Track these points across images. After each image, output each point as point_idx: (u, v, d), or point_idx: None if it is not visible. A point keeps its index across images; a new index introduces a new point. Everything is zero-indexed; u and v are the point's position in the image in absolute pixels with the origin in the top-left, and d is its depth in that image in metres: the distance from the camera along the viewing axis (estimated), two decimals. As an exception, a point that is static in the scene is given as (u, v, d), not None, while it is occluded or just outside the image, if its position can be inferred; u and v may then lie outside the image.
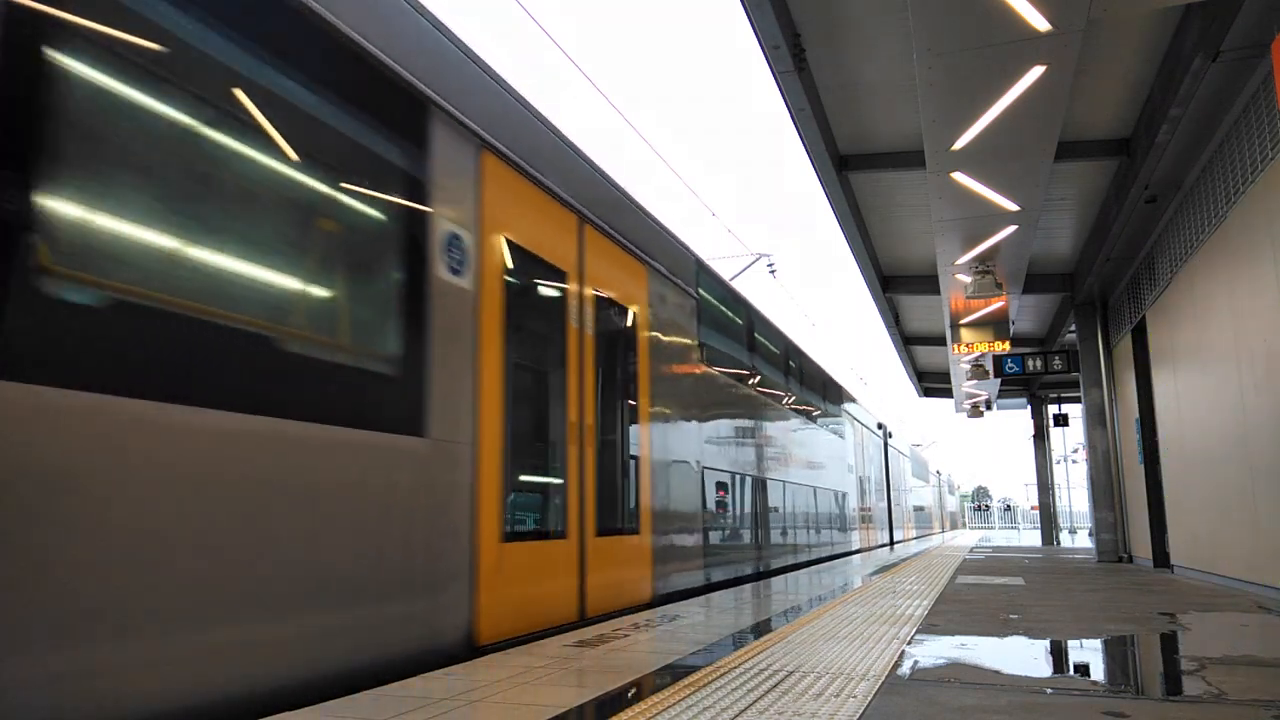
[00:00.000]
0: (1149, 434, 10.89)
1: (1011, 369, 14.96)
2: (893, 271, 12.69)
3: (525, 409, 5.15)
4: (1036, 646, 4.23)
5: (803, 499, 12.97)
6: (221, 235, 3.03)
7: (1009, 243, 8.95)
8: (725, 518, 9.22)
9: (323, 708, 2.78)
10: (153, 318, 2.74)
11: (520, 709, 2.75)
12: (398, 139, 4.00)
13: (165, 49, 2.88)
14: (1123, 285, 11.68)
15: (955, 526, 59.21)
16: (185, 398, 2.80)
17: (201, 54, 3.02)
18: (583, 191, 5.87)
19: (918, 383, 21.25)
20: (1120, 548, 12.72)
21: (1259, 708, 2.80)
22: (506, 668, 3.50)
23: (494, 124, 4.81)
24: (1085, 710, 2.76)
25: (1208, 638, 4.57)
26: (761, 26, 6.06)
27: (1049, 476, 23.33)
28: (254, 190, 3.21)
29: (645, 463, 6.67)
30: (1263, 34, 5.61)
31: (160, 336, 2.75)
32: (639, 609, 6.25)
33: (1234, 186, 6.96)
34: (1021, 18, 5.00)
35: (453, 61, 4.50)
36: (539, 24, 7.78)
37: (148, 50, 2.82)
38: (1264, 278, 6.46)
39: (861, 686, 3.11)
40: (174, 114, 2.90)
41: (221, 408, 2.91)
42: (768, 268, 17.09)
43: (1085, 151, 8.16)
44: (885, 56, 6.66)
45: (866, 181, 9.13)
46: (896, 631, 4.64)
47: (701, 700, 2.88)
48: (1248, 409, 7.03)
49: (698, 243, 11.95)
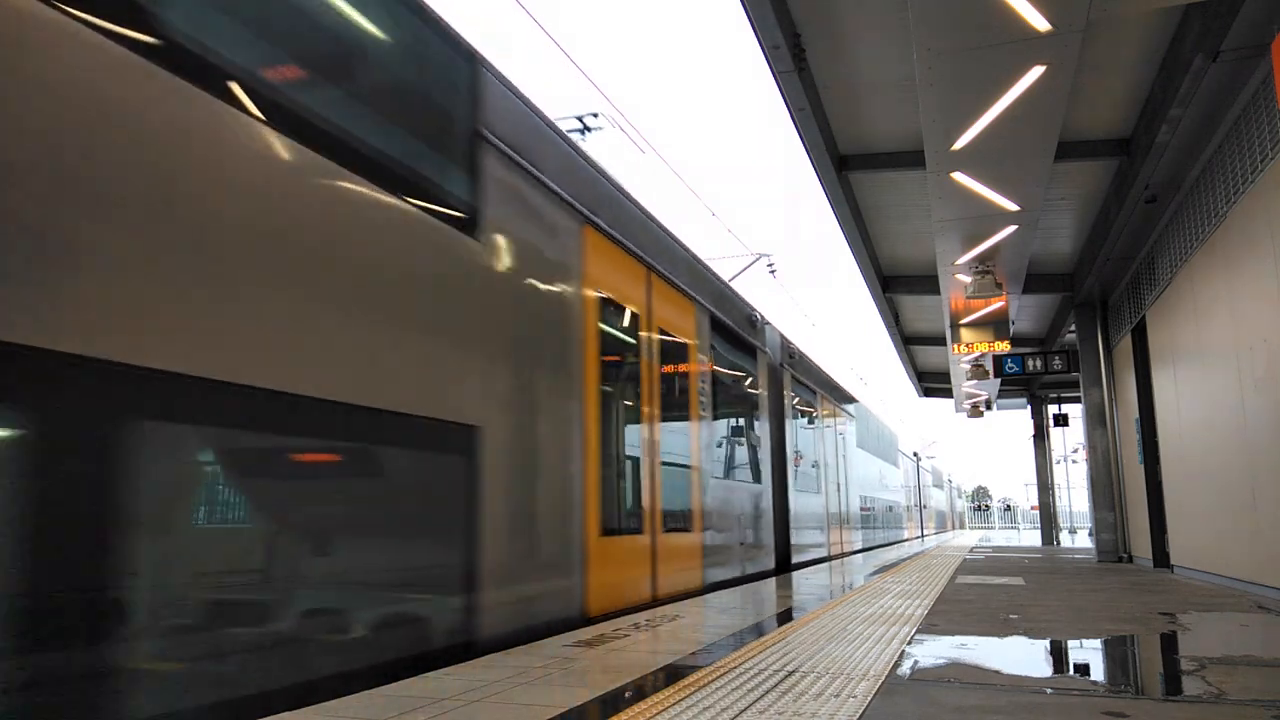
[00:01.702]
0: (1149, 434, 10.89)
1: (1011, 369, 14.96)
2: (893, 271, 12.69)
3: (610, 425, 6.13)
4: (1036, 646, 4.23)
5: (875, 508, 20.82)
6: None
7: (1009, 243, 8.95)
8: (797, 520, 11.90)
9: (322, 707, 2.78)
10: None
11: (520, 709, 2.75)
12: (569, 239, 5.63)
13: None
14: (1123, 285, 11.68)
15: (960, 526, 62.07)
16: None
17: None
18: (649, 246, 6.98)
19: (918, 383, 21.25)
20: (1120, 548, 12.72)
21: (1259, 708, 2.80)
22: (506, 668, 3.50)
23: (597, 205, 6.04)
24: (1085, 710, 2.76)
25: (1208, 638, 4.57)
26: (761, 26, 6.06)
27: (1049, 476, 23.33)
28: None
29: (697, 474, 7.86)
30: (1263, 34, 5.60)
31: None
32: (693, 595, 7.32)
33: (1234, 186, 6.96)
34: (1021, 18, 4.99)
35: (563, 152, 5.60)
36: (540, 26, 7.79)
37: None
38: (1264, 278, 6.46)
39: (861, 686, 3.11)
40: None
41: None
42: (768, 268, 17.09)
43: (1085, 151, 8.16)
44: (885, 56, 6.66)
45: (866, 181, 9.13)
46: (896, 631, 4.64)
47: (701, 700, 2.88)
48: (1248, 409, 7.03)
49: (697, 243, 12.55)
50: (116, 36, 2.64)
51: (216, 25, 3.06)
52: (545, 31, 7.95)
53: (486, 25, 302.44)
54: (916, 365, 19.74)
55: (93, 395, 2.50)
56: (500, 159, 4.76)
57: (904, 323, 15.73)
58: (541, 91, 5.61)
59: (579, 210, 5.66)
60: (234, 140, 2.99)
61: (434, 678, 3.28)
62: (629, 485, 6.46)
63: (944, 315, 12.32)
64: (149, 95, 2.73)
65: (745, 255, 16.63)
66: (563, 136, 5.60)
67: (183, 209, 2.81)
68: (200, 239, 2.84)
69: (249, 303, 2.99)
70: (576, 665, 3.57)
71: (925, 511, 35.46)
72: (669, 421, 7.18)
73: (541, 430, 5.04)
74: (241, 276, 2.97)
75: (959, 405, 21.50)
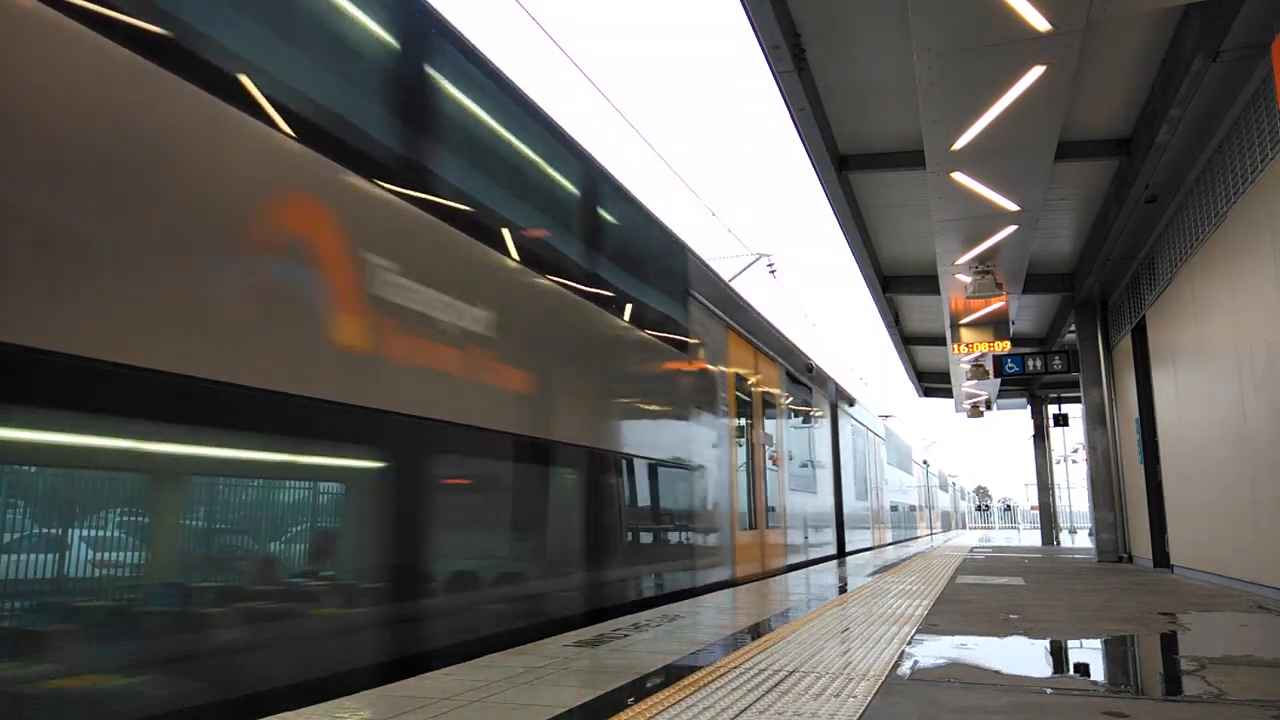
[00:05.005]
0: (1149, 434, 10.88)
1: (1011, 369, 14.95)
2: (893, 271, 12.69)
3: (738, 459, 9.28)
4: (1037, 646, 4.23)
5: (900, 510, 26.13)
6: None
7: (1009, 243, 8.95)
8: (849, 521, 16.34)
9: (321, 707, 2.78)
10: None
11: (520, 709, 2.75)
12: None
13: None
14: (1123, 285, 11.68)
15: (962, 526, 64.31)
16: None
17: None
18: (755, 330, 10.31)
19: (918, 383, 21.24)
20: (1120, 548, 12.72)
21: (1259, 708, 2.80)
22: (506, 668, 3.50)
23: (730, 308, 9.25)
24: (1085, 710, 2.76)
25: (1207, 638, 4.57)
26: (761, 26, 6.05)
27: (1049, 476, 23.32)
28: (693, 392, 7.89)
29: (782, 487, 11.31)
30: (1263, 34, 5.60)
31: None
32: (784, 572, 10.68)
33: (1234, 186, 6.96)
34: (1021, 18, 4.99)
35: (718, 283, 9.06)
36: (543, 28, 7.79)
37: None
38: (1264, 277, 6.46)
39: (861, 686, 3.11)
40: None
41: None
42: (768, 268, 17.09)
43: (1085, 151, 8.15)
44: (885, 56, 6.66)
45: (866, 181, 9.13)
46: (897, 631, 4.64)
47: (701, 700, 2.88)
48: (1248, 409, 7.03)
49: (697, 243, 14.28)
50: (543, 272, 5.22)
51: (605, 266, 6.11)
52: (545, 31, 7.95)
53: (485, 24, 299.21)
54: (916, 365, 19.73)
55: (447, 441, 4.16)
56: (696, 302, 8.02)
57: (904, 323, 15.73)
58: (543, 92, 5.70)
59: (724, 319, 8.93)
60: (599, 319, 5.95)
61: (434, 677, 3.28)
62: (749, 498, 9.67)
63: (944, 315, 12.32)
64: (571, 304, 5.52)
65: (745, 255, 16.65)
66: (718, 278, 9.08)
67: (578, 364, 5.60)
68: (582, 379, 5.63)
69: (606, 400, 6.01)
70: (576, 665, 3.58)
71: (934, 512, 41.85)
72: (768, 450, 10.62)
73: (719, 467, 8.37)
74: (597, 390, 5.88)
75: (959, 405, 21.49)
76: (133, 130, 2.66)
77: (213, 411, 2.85)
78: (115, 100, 2.63)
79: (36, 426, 2.42)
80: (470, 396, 4.25)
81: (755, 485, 9.87)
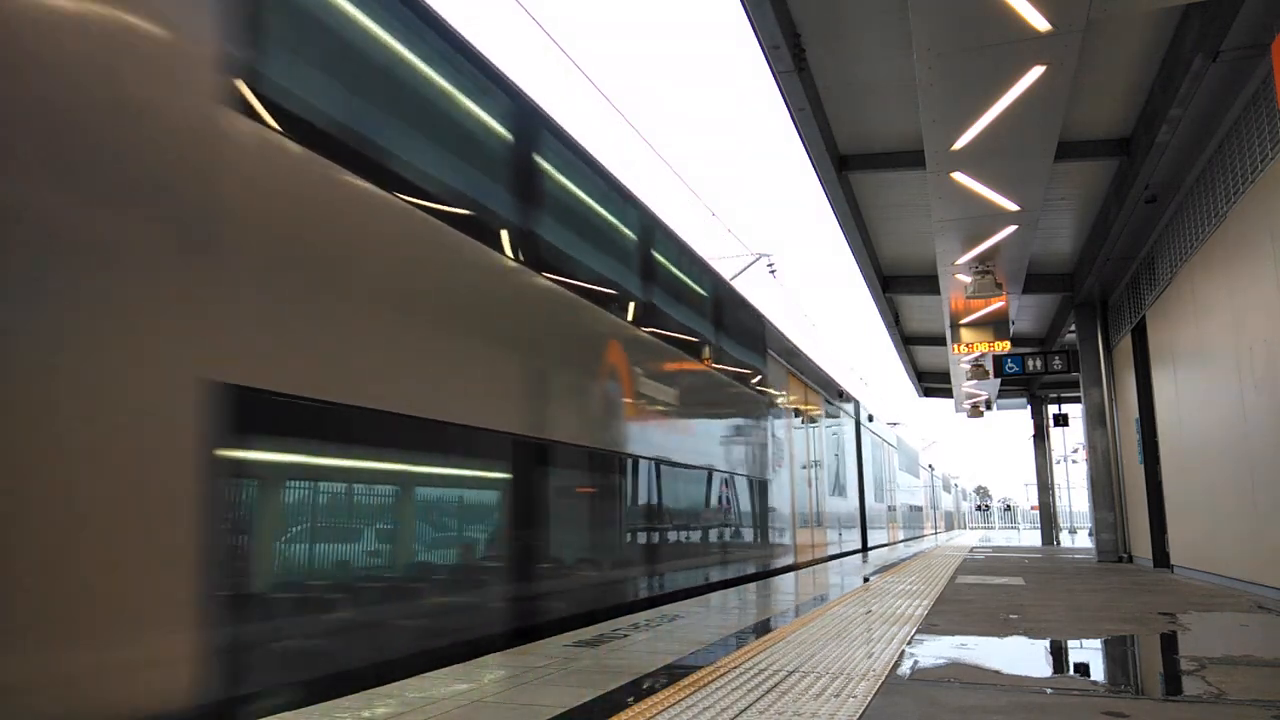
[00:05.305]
0: (1149, 434, 10.88)
1: (1011, 369, 14.94)
2: (893, 271, 12.68)
3: (796, 471, 12.28)
4: (1037, 646, 4.23)
5: (911, 510, 30.06)
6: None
7: (1009, 243, 8.94)
8: (874, 521, 20.27)
9: (320, 707, 2.78)
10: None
11: (520, 709, 2.75)
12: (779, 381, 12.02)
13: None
14: (1123, 285, 11.67)
15: (963, 526, 65.75)
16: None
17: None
18: (803, 368, 13.22)
19: (918, 383, 21.24)
20: (1120, 548, 12.71)
21: (1259, 708, 2.80)
22: (506, 668, 3.51)
23: (789, 356, 12.40)
24: (1085, 710, 2.76)
25: (1207, 638, 4.57)
26: (761, 26, 6.05)
27: (1049, 476, 23.31)
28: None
29: (823, 493, 14.38)
30: (1263, 34, 5.60)
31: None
32: (823, 561, 13.49)
33: (1234, 186, 6.96)
34: (1021, 18, 4.99)
35: (783, 339, 12.07)
36: (545, 30, 7.79)
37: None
38: (1264, 277, 6.46)
39: (861, 686, 3.11)
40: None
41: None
42: (768, 268, 17.09)
43: (1085, 151, 8.15)
44: (885, 56, 6.66)
45: (866, 181, 9.13)
46: (897, 631, 4.64)
47: (701, 700, 2.88)
48: (1247, 409, 7.03)
49: (697, 243, 15.21)
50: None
51: (730, 347, 9.58)
52: (543, 30, 7.96)
53: (485, 24, 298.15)
54: (916, 365, 19.73)
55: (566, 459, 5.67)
56: (770, 357, 11.09)
57: (904, 323, 15.72)
58: (541, 91, 5.74)
59: (785, 364, 11.84)
60: (728, 384, 9.36)
61: (434, 677, 3.28)
62: (803, 500, 12.71)
63: (944, 315, 12.31)
64: (716, 379, 9.07)
65: (745, 255, 16.66)
66: (782, 335, 11.91)
67: (719, 418, 9.11)
68: (718, 428, 9.10)
69: (730, 437, 9.38)
70: (576, 665, 3.58)
71: (938, 512, 46.21)
72: (814, 462, 13.74)
73: (781, 479, 11.22)
74: (725, 434, 9.23)
75: (959, 405, 21.48)
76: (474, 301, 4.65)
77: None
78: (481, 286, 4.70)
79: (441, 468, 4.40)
80: (690, 444, 7.98)
81: (809, 493, 13.32)
